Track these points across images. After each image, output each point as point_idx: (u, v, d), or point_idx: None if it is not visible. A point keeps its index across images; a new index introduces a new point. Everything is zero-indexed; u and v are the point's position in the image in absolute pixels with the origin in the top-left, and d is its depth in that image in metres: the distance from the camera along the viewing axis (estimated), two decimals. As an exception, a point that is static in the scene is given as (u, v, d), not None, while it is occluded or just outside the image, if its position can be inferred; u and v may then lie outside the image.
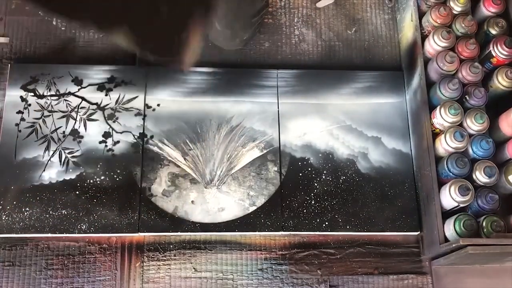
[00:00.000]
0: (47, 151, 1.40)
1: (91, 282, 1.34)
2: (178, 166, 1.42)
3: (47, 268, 1.34)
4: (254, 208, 1.40)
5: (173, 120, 1.46)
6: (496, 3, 1.45)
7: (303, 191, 1.42)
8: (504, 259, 1.34)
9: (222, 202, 1.40)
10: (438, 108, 1.36)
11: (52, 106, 1.45)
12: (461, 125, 1.36)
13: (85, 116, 1.45)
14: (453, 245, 1.23)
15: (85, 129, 1.43)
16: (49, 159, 1.40)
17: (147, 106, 1.46)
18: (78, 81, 1.47)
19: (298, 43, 1.62)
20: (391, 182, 1.44)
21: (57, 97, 1.46)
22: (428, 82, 1.43)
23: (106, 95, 1.47)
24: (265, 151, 1.45)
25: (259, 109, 1.49)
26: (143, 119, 1.45)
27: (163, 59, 1.03)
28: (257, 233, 1.39)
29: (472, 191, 1.28)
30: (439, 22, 1.45)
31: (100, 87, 1.47)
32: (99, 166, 1.40)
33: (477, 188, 1.31)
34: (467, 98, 1.38)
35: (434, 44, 1.42)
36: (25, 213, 1.35)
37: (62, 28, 1.57)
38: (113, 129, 1.44)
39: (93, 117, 1.45)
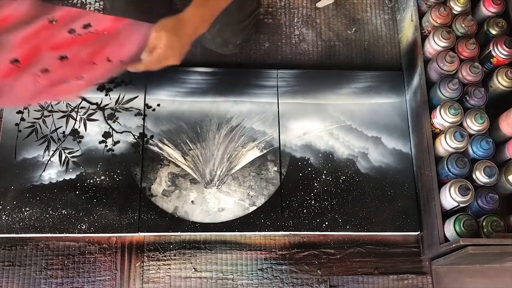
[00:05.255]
0: (47, 151, 1.40)
1: (91, 282, 1.34)
2: (178, 166, 1.42)
3: (47, 268, 1.34)
4: (254, 208, 1.40)
5: (173, 120, 1.46)
6: (496, 3, 1.45)
7: (303, 191, 1.42)
8: (504, 259, 1.34)
9: (222, 202, 1.40)
10: (438, 108, 1.36)
11: (52, 106, 1.45)
12: (461, 125, 1.36)
13: (85, 116, 1.45)
14: (453, 245, 1.23)
15: (85, 129, 1.43)
16: (49, 159, 1.40)
17: (147, 106, 1.46)
18: (78, 81, 1.47)
19: (298, 43, 1.62)
20: (391, 182, 1.44)
21: (57, 97, 1.46)
22: (428, 82, 1.43)
23: (106, 95, 1.47)
24: (265, 151, 1.45)
25: (259, 109, 1.49)
26: (143, 119, 1.45)
27: None
28: (257, 233, 1.39)
29: (472, 191, 1.28)
30: (439, 22, 1.45)
31: (100, 87, 1.47)
32: (99, 166, 1.40)
33: (477, 188, 1.31)
34: (467, 98, 1.38)
35: (434, 44, 1.42)
36: (25, 213, 1.35)
37: (62, 28, 1.57)
38: (113, 129, 1.44)
39: (93, 117, 1.45)
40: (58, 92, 1.17)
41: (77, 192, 1.37)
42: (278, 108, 1.49)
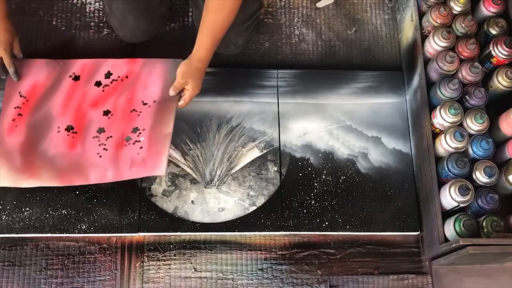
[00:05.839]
0: (47, 151, 1.40)
1: (91, 282, 1.34)
2: (178, 166, 1.42)
3: (47, 268, 1.34)
4: (254, 208, 1.39)
5: (173, 120, 1.45)
6: (496, 3, 1.45)
7: (303, 191, 1.42)
8: (504, 259, 1.34)
9: (222, 202, 1.40)
10: (438, 108, 1.36)
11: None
12: (461, 125, 1.36)
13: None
14: (453, 245, 1.23)
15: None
16: (49, 159, 1.40)
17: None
18: (78, 81, 1.47)
19: (298, 43, 1.62)
20: (391, 182, 1.44)
21: (57, 97, 1.46)
22: (428, 82, 1.43)
23: (106, 95, 1.47)
24: (265, 151, 1.45)
25: (259, 109, 1.49)
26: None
27: None
28: (257, 233, 1.39)
29: (472, 191, 1.28)
30: (439, 22, 1.45)
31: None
32: (99, 166, 1.40)
33: (477, 188, 1.31)
34: (467, 98, 1.38)
35: (434, 44, 1.42)
36: (25, 213, 1.35)
37: (62, 28, 1.57)
38: (113, 129, 1.44)
39: (93, 117, 1.45)
40: (153, 168, 1.26)
41: (77, 192, 1.37)
42: (278, 108, 1.49)
